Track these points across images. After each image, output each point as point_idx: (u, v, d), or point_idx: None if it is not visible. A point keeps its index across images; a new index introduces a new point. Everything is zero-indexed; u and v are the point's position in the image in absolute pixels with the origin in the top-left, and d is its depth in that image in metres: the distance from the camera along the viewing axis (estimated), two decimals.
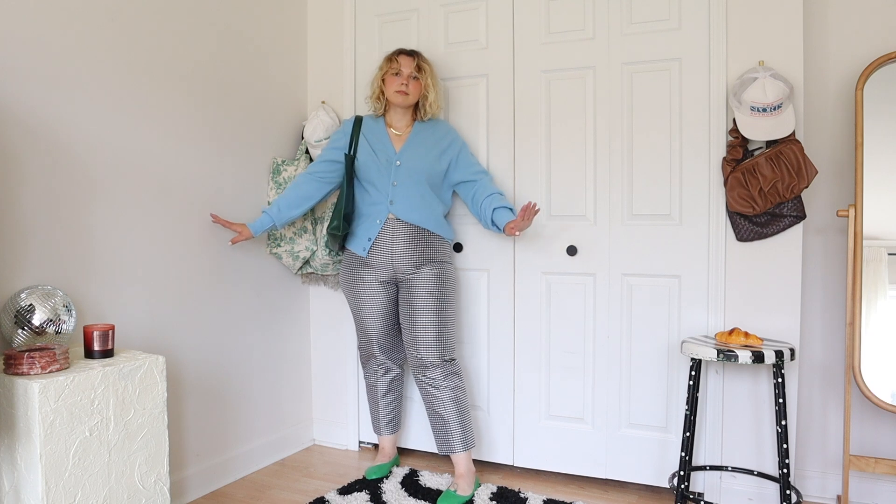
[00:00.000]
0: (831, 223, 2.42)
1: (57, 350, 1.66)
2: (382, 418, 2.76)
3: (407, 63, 2.51)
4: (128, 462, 1.77)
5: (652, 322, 2.50)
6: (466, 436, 2.48)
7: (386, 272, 2.53)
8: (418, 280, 2.50)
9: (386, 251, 2.50)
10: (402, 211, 2.49)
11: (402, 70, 2.50)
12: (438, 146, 2.56)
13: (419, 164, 2.51)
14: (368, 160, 2.54)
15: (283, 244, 2.80)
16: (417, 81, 2.52)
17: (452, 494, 2.40)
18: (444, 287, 2.52)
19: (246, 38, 2.72)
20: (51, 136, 1.97)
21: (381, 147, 2.55)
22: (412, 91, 2.51)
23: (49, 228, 1.97)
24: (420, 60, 2.54)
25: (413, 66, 2.51)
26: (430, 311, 2.48)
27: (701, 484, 2.47)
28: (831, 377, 2.43)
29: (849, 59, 2.36)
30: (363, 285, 2.57)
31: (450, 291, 2.55)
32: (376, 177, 2.52)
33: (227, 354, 2.64)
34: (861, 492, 2.38)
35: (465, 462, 2.47)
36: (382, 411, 2.76)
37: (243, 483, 2.64)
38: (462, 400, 2.51)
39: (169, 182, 2.37)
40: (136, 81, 2.24)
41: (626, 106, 2.52)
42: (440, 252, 2.55)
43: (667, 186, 2.46)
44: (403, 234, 2.49)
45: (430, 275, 2.50)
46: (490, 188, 2.55)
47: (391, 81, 2.51)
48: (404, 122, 2.59)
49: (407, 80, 2.50)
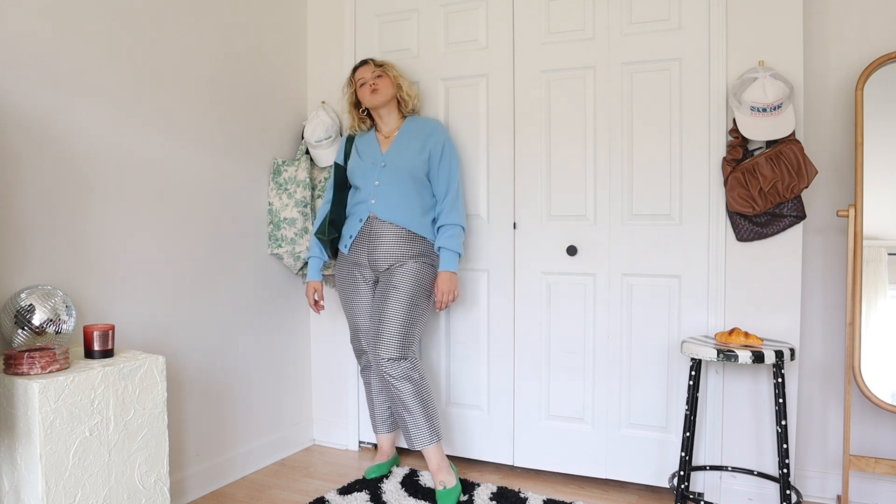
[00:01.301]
0: (831, 223, 2.42)
1: (57, 350, 1.66)
2: (378, 416, 2.77)
3: (365, 71, 2.59)
4: (128, 462, 1.77)
5: (652, 322, 2.50)
6: (433, 429, 2.46)
7: (367, 269, 2.57)
8: (392, 276, 2.49)
9: (364, 249, 2.55)
10: (381, 210, 2.51)
11: (365, 76, 2.58)
12: (421, 142, 2.56)
13: (403, 162, 2.53)
14: (355, 165, 2.62)
15: (285, 245, 2.80)
16: (383, 78, 2.57)
17: (446, 493, 2.41)
18: (416, 285, 2.48)
19: (246, 38, 2.72)
20: (51, 137, 1.97)
21: (369, 151, 2.62)
22: (381, 86, 2.56)
23: (49, 228, 1.97)
24: (375, 62, 2.61)
25: (372, 68, 2.59)
26: (396, 307, 2.45)
27: (701, 484, 2.47)
28: (831, 377, 2.43)
29: (849, 58, 2.36)
30: (350, 282, 2.62)
31: (420, 290, 2.49)
32: (361, 179, 2.57)
33: (227, 354, 2.64)
34: (861, 492, 2.38)
35: (436, 455, 2.46)
36: (377, 409, 2.77)
37: (243, 483, 2.64)
38: (424, 393, 2.47)
39: (169, 182, 2.37)
40: (137, 82, 2.24)
41: (626, 106, 2.52)
42: (418, 251, 2.52)
43: (667, 186, 2.46)
44: (382, 232, 2.51)
45: (404, 272, 2.47)
46: (443, 218, 2.52)
47: (362, 93, 2.59)
48: (392, 123, 2.63)
49: (373, 81, 2.56)
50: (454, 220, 2.51)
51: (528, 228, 2.69)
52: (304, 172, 2.80)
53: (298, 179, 2.80)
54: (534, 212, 2.67)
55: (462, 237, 2.52)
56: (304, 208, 2.78)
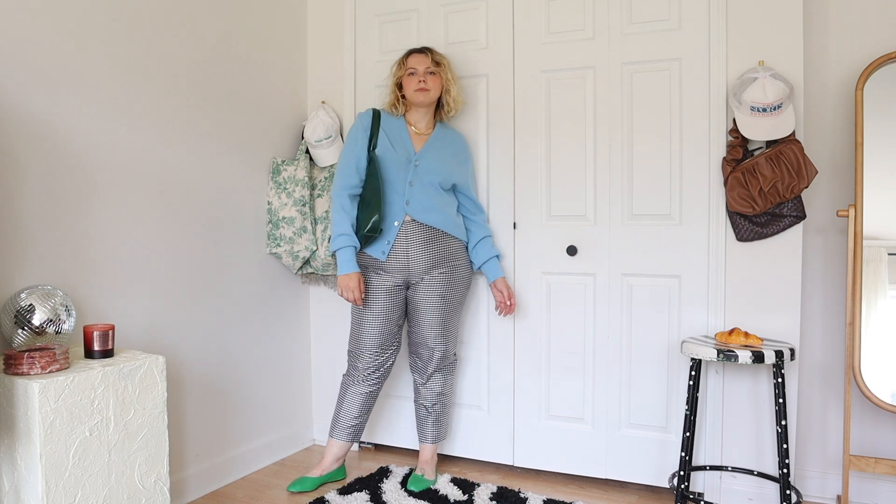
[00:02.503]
0: (831, 223, 2.42)
1: (57, 350, 1.66)
2: (350, 421, 2.54)
3: (420, 61, 2.47)
4: (128, 462, 1.77)
5: (652, 322, 2.50)
6: (441, 429, 2.65)
7: (401, 275, 2.49)
8: (430, 281, 2.49)
9: (402, 254, 2.46)
10: (418, 212, 2.45)
11: (417, 68, 2.45)
12: (457, 157, 2.57)
13: (438, 166, 2.48)
14: (387, 156, 2.45)
15: (283, 244, 2.80)
16: (435, 76, 2.47)
17: (422, 479, 2.56)
18: (455, 288, 2.54)
19: (246, 38, 2.72)
20: (51, 137, 1.97)
21: (401, 144, 2.49)
22: (432, 86, 2.46)
23: (49, 228, 1.97)
24: (434, 56, 2.48)
25: (428, 61, 2.46)
26: (455, 308, 2.57)
27: (701, 484, 2.47)
28: (831, 377, 2.43)
29: (849, 58, 2.36)
30: (381, 290, 2.48)
31: (459, 292, 2.57)
32: (394, 175, 2.45)
33: (227, 354, 2.64)
34: (861, 492, 2.38)
35: (431, 451, 2.63)
36: (359, 414, 2.54)
37: (243, 483, 2.64)
38: (448, 397, 2.66)
39: (169, 182, 2.37)
40: (137, 82, 2.24)
41: (626, 106, 2.52)
42: (455, 253, 2.54)
43: (667, 186, 2.46)
44: (420, 235, 2.46)
45: (442, 276, 2.50)
46: (483, 230, 2.63)
47: (408, 82, 2.46)
48: (425, 122, 2.54)
49: (424, 77, 2.44)
50: (489, 232, 2.66)
51: (528, 228, 2.69)
52: (303, 172, 2.80)
53: (297, 179, 2.80)
54: (534, 212, 2.67)
55: None
56: (303, 207, 2.78)
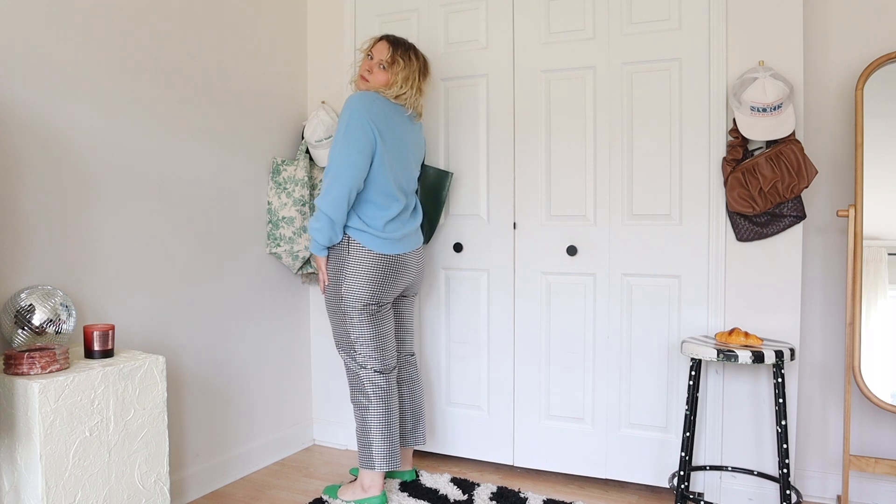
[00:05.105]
0: (831, 223, 2.42)
1: (57, 350, 1.66)
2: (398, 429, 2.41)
3: (381, 50, 2.33)
4: (128, 462, 1.77)
5: (652, 322, 2.50)
6: (360, 450, 2.35)
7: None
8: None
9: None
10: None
11: (374, 55, 2.34)
12: None
13: None
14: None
15: (283, 244, 2.80)
16: (385, 72, 2.31)
17: (334, 487, 2.47)
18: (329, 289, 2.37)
19: (246, 38, 2.72)
20: (51, 137, 1.97)
21: None
22: (372, 79, 2.32)
23: (49, 228, 1.97)
24: (397, 53, 2.30)
25: (387, 54, 2.31)
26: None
27: (701, 484, 2.47)
28: (831, 377, 2.43)
29: (849, 58, 2.36)
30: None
31: (329, 293, 2.37)
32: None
33: (227, 354, 2.63)
34: (861, 492, 2.38)
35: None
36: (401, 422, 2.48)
37: (243, 483, 2.64)
38: (359, 418, 2.36)
39: (169, 182, 2.37)
40: (137, 82, 2.24)
41: (626, 106, 2.52)
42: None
43: (667, 186, 2.46)
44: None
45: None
46: None
47: (363, 63, 2.37)
48: None
49: (372, 67, 2.33)
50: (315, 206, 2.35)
51: (528, 228, 2.69)
52: (303, 171, 2.80)
53: (297, 178, 2.80)
54: (534, 212, 2.67)
55: None
56: (303, 207, 2.78)
